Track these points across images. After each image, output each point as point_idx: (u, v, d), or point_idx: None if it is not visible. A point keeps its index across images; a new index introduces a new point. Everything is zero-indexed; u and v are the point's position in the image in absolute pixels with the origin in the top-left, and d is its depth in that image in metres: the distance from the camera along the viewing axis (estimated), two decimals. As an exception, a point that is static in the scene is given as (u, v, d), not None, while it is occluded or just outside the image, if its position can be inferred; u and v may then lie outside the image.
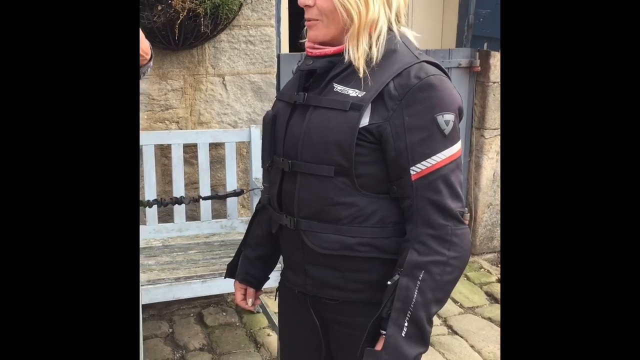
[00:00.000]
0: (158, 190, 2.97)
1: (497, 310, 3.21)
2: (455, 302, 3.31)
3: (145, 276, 2.54)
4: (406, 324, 1.20)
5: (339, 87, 1.26)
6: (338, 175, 1.26)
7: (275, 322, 2.69)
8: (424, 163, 1.22)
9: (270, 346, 2.84)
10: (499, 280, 3.54)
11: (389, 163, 1.25)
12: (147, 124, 2.96)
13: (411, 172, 1.22)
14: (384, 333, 1.22)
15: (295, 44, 3.22)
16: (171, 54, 2.90)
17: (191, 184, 3.06)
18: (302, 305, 1.43)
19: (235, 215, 3.06)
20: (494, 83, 3.56)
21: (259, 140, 2.99)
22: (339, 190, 1.26)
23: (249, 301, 1.59)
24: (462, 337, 2.98)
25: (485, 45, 3.53)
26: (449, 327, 3.07)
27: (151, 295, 2.49)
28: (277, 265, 1.61)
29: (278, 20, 3.16)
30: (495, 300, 3.36)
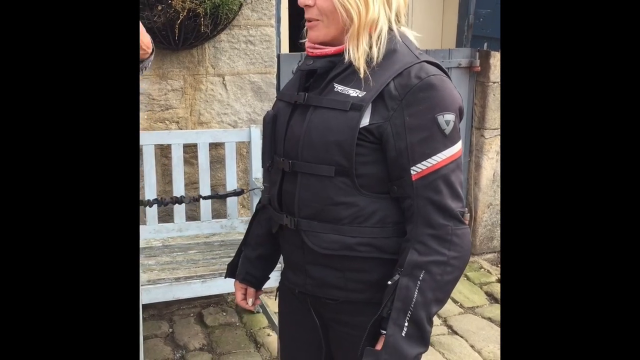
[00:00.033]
0: (158, 190, 2.97)
1: (497, 310, 3.21)
2: (455, 302, 3.31)
3: (146, 276, 2.54)
4: (406, 324, 1.20)
5: (339, 87, 1.26)
6: (338, 175, 1.26)
7: (275, 322, 2.69)
8: (424, 163, 1.22)
9: (270, 346, 2.84)
10: (499, 280, 3.54)
11: (390, 163, 1.25)
12: (147, 124, 2.96)
13: (411, 172, 1.22)
14: (384, 333, 1.22)
15: (295, 44, 3.22)
16: (171, 54, 2.90)
17: (191, 184, 3.06)
18: (303, 305, 1.43)
19: (235, 215, 3.06)
20: (494, 83, 3.56)
21: (259, 140, 2.99)
22: (339, 190, 1.26)
23: (250, 301, 1.59)
24: (462, 337, 2.98)
25: (485, 45, 3.53)
26: (449, 327, 3.07)
27: (151, 295, 2.49)
28: (277, 265, 1.61)
29: (278, 20, 3.16)
30: (495, 300, 3.36)
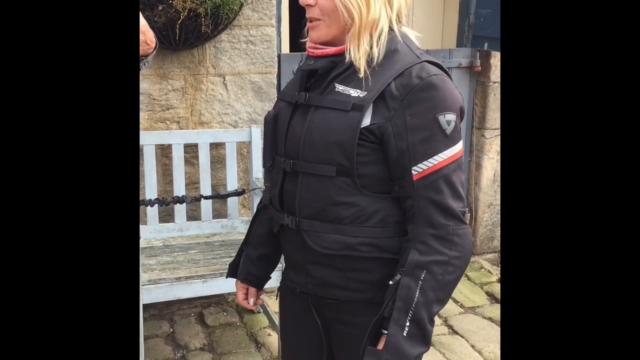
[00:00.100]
0: (159, 190, 2.97)
1: (498, 310, 3.21)
2: (456, 302, 3.31)
3: (146, 276, 2.54)
4: (408, 324, 1.20)
5: (340, 87, 1.26)
6: (339, 175, 1.26)
7: (276, 322, 2.69)
8: (425, 163, 1.22)
9: (271, 346, 2.84)
10: (500, 280, 3.54)
11: (391, 163, 1.25)
12: (148, 124, 2.96)
13: (413, 172, 1.22)
14: (386, 332, 1.22)
15: (296, 44, 3.22)
16: (172, 53, 2.90)
17: (192, 184, 3.06)
18: (304, 304, 1.43)
19: (235, 215, 3.06)
20: (494, 83, 3.56)
21: (260, 140, 2.99)
22: (340, 190, 1.26)
23: (251, 301, 1.59)
24: (463, 337, 2.98)
25: (485, 45, 3.53)
26: (450, 327, 3.08)
27: (152, 294, 2.49)
28: (279, 265, 1.61)
29: (279, 20, 3.16)
30: (496, 300, 3.36)
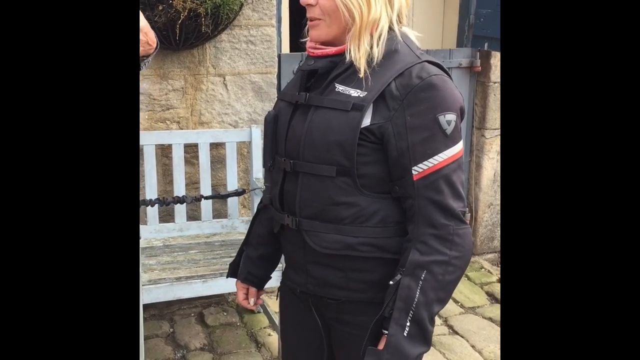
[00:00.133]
0: (159, 190, 2.97)
1: (498, 310, 3.21)
2: (456, 302, 3.31)
3: (147, 276, 2.54)
4: (408, 324, 1.20)
5: (340, 87, 1.26)
6: (340, 175, 1.26)
7: (276, 322, 2.69)
8: (425, 163, 1.22)
9: (271, 346, 2.84)
10: (500, 280, 3.54)
11: (391, 163, 1.25)
12: (148, 124, 2.96)
13: (413, 172, 1.22)
14: (386, 332, 1.22)
15: (296, 44, 3.22)
16: (172, 54, 2.90)
17: (192, 184, 3.06)
18: (304, 304, 1.43)
19: (236, 215, 3.06)
20: (494, 83, 3.56)
21: (260, 140, 2.99)
22: (340, 190, 1.26)
23: (251, 301, 1.59)
24: (463, 337, 2.98)
25: (485, 45, 3.53)
26: (450, 327, 3.08)
27: (152, 294, 2.49)
28: (279, 265, 1.61)
29: (279, 20, 3.16)
30: (496, 300, 3.36)
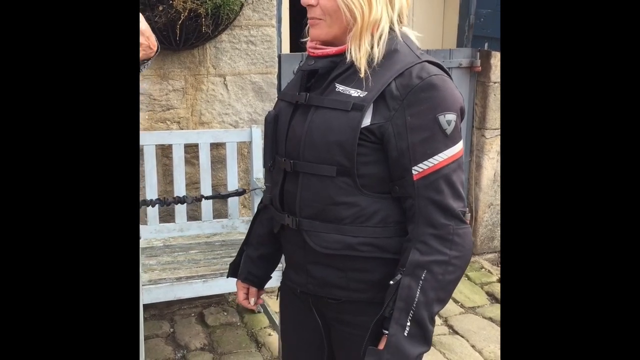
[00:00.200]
0: (159, 190, 2.97)
1: (498, 310, 3.21)
2: (456, 302, 3.31)
3: (147, 276, 2.55)
4: (408, 324, 1.20)
5: (340, 87, 1.27)
6: (340, 175, 1.26)
7: (276, 322, 2.69)
8: (425, 163, 1.22)
9: (271, 346, 2.84)
10: (500, 280, 3.54)
11: (391, 163, 1.25)
12: (148, 124, 2.96)
13: (413, 172, 1.23)
14: (387, 332, 1.22)
15: (296, 44, 3.22)
16: (172, 54, 2.90)
17: (192, 184, 3.07)
18: (304, 304, 1.43)
19: (236, 215, 3.07)
20: (494, 83, 3.56)
21: (260, 141, 2.99)
22: (340, 190, 1.27)
23: (251, 300, 1.59)
24: (463, 337, 2.98)
25: (486, 45, 3.53)
26: (450, 327, 3.08)
27: (152, 295, 2.49)
28: (279, 265, 1.61)
29: (279, 21, 3.16)
30: (496, 300, 3.36)
